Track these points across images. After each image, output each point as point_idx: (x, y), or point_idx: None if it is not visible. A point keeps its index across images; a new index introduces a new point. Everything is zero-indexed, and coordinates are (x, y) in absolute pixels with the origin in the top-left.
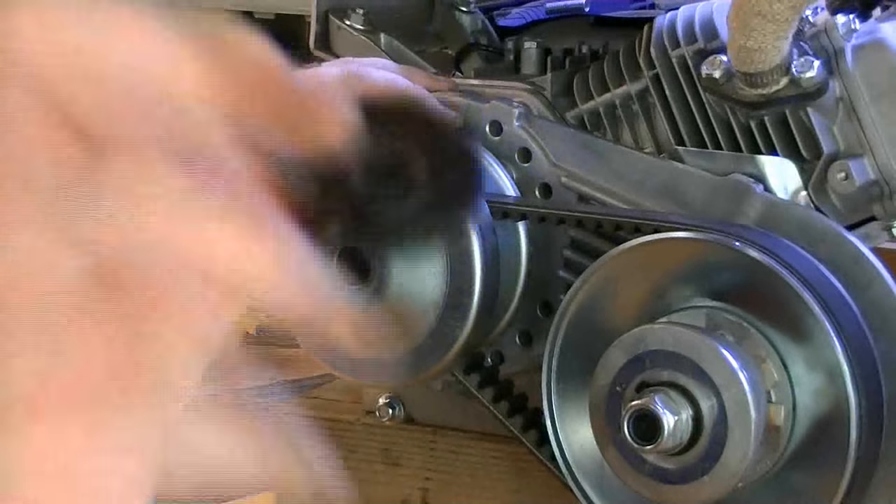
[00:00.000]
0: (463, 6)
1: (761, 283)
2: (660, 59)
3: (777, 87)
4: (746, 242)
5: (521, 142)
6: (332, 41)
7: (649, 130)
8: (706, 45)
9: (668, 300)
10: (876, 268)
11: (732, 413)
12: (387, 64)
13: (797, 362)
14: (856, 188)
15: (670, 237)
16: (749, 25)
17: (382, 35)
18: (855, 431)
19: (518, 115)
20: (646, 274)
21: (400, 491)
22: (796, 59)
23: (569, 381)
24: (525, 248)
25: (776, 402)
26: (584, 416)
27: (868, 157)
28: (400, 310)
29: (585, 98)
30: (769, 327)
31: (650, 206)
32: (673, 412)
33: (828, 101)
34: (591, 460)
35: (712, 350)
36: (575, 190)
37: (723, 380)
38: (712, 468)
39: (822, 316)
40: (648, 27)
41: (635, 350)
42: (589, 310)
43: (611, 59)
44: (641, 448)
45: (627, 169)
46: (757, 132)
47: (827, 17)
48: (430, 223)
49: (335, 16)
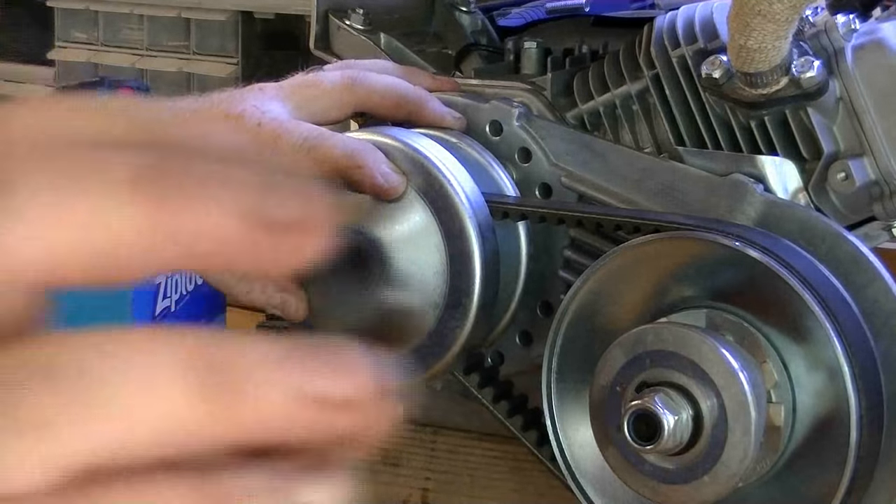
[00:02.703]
0: (463, 6)
1: (761, 283)
2: (660, 59)
3: (777, 87)
4: (746, 242)
5: (521, 142)
6: (332, 41)
7: (649, 130)
8: (706, 45)
9: (668, 300)
10: (876, 268)
11: (732, 413)
12: (387, 66)
13: (797, 362)
14: (856, 188)
15: (670, 237)
16: (749, 25)
17: (382, 35)
18: (855, 431)
19: (518, 115)
20: (646, 274)
21: (400, 491)
22: (796, 59)
23: (569, 381)
24: (525, 248)
25: (776, 402)
26: (584, 416)
27: (868, 157)
28: (399, 310)
29: (585, 98)
30: (769, 327)
31: (650, 206)
32: (673, 412)
33: (828, 101)
34: (591, 460)
35: (712, 350)
36: (575, 190)
37: (723, 380)
38: (712, 468)
39: (822, 316)
40: (648, 27)
41: (635, 350)
42: (589, 310)
43: (611, 59)
44: (641, 448)
45: (627, 169)
46: (757, 132)
47: (827, 17)
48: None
49: (335, 16)
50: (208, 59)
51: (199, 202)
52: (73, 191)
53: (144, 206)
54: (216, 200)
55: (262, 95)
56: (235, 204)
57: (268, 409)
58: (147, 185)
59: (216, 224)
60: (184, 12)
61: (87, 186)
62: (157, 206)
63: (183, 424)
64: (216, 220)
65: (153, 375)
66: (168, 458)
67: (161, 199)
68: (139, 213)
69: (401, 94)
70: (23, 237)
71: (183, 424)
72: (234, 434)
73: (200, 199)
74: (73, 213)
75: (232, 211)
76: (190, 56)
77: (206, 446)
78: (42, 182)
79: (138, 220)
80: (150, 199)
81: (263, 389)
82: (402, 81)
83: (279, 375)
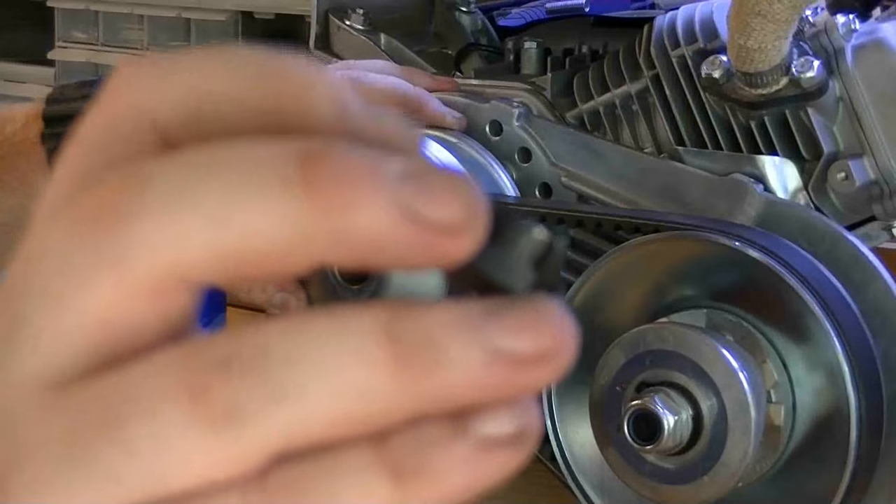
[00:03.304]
0: (463, 6)
1: (761, 283)
2: (660, 59)
3: (777, 87)
4: (746, 242)
5: (521, 142)
6: (332, 41)
7: (649, 130)
8: (706, 45)
9: (668, 300)
10: (876, 268)
11: (732, 413)
12: (387, 66)
13: (797, 362)
14: (856, 188)
15: (670, 237)
16: (749, 25)
17: (382, 35)
18: (855, 431)
19: (518, 115)
20: (646, 274)
21: None
22: (796, 59)
23: (569, 381)
24: None
25: (776, 402)
26: (584, 416)
27: (868, 157)
28: None
29: (585, 98)
30: (769, 327)
31: (650, 206)
32: (673, 412)
33: (828, 101)
34: (591, 460)
35: (712, 350)
36: (575, 190)
37: (723, 380)
38: (712, 468)
39: (822, 316)
40: (648, 27)
41: (635, 350)
42: (589, 309)
43: (611, 59)
44: (641, 448)
45: (627, 169)
46: (757, 132)
47: (827, 17)
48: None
49: (335, 16)
50: None
51: (361, 197)
52: (232, 189)
53: (306, 204)
54: (377, 195)
55: None
56: (395, 199)
57: (468, 372)
58: (307, 182)
59: (377, 220)
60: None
61: (247, 183)
62: (318, 202)
63: (382, 396)
64: (378, 217)
65: (343, 351)
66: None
67: (322, 194)
68: (301, 210)
69: (401, 94)
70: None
71: (382, 396)
72: (434, 400)
73: (362, 194)
74: (236, 214)
75: (392, 206)
76: None
77: (406, 415)
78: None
79: (300, 217)
80: (310, 196)
81: (462, 351)
82: (402, 81)
83: (477, 337)
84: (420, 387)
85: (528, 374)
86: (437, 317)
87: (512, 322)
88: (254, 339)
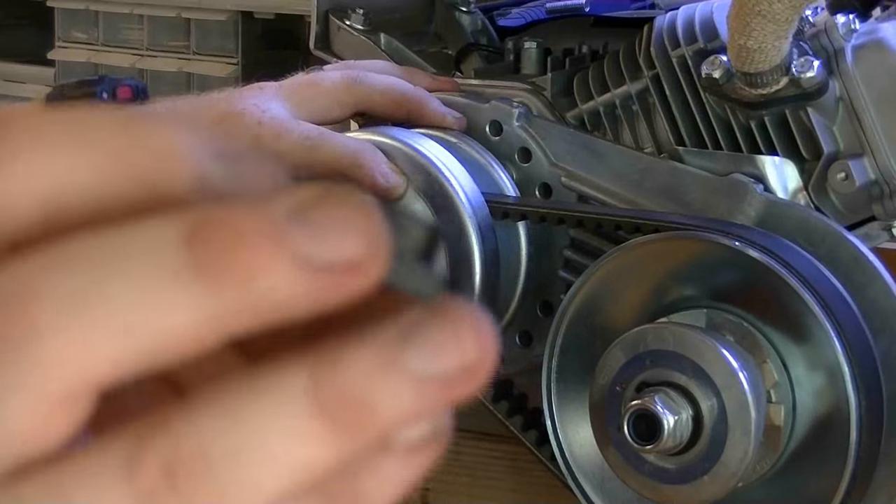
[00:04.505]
0: (463, 6)
1: (761, 283)
2: (660, 59)
3: (777, 87)
4: (746, 242)
5: (521, 142)
6: (332, 41)
7: (649, 130)
8: (706, 45)
9: (668, 300)
10: (876, 268)
11: (732, 413)
12: (387, 66)
13: (797, 362)
14: (856, 188)
15: (670, 237)
16: (749, 25)
17: (382, 35)
18: (855, 431)
19: (518, 115)
20: (646, 274)
21: None
22: (796, 59)
23: (569, 381)
24: (525, 248)
25: (776, 402)
26: (584, 416)
27: (868, 157)
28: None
29: (585, 98)
30: (769, 327)
31: (650, 206)
32: (673, 412)
33: (828, 101)
34: (591, 460)
35: (712, 350)
36: (575, 190)
37: (723, 380)
38: (712, 468)
39: (822, 316)
40: (648, 27)
41: (635, 350)
42: (589, 310)
43: (611, 59)
44: (641, 448)
45: (627, 169)
46: (757, 132)
47: (827, 17)
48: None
49: (335, 16)
50: (208, 59)
51: (256, 264)
52: (125, 294)
53: (204, 289)
54: (272, 256)
55: (262, 95)
56: (290, 253)
57: (400, 409)
58: (198, 265)
59: (279, 282)
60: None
61: (139, 284)
62: (215, 284)
63: (325, 461)
64: (279, 278)
65: (278, 431)
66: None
67: (217, 275)
68: (200, 297)
69: (401, 94)
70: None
71: (325, 461)
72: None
73: (256, 259)
74: (136, 321)
75: (289, 262)
76: (190, 56)
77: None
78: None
79: (200, 304)
80: (206, 280)
81: (391, 395)
82: (402, 81)
83: (402, 372)
84: (360, 442)
85: (457, 388)
86: (359, 364)
87: (432, 343)
88: (189, 438)
